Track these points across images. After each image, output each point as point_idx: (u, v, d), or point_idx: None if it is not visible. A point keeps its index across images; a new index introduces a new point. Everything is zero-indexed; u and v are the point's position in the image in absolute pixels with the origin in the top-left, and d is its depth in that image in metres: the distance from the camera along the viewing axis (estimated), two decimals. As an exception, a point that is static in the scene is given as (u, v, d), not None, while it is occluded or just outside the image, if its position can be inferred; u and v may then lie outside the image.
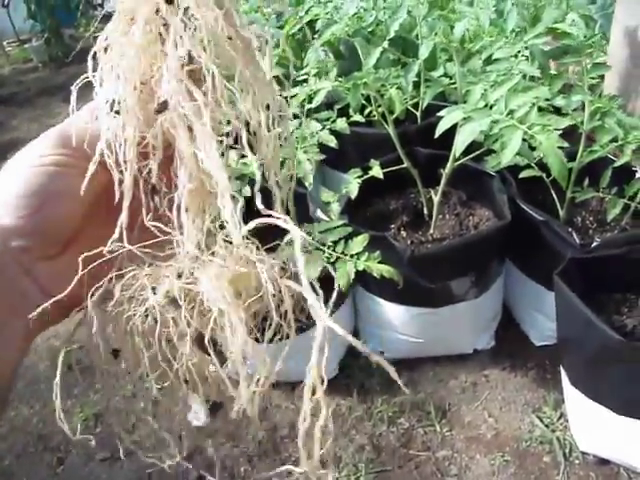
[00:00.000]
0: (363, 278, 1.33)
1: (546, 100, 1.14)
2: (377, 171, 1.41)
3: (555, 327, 1.33)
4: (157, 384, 0.35)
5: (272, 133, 0.36)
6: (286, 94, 0.38)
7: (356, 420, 1.48)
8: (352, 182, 1.40)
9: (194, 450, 1.43)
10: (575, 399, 1.29)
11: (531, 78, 1.19)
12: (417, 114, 1.61)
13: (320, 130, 1.40)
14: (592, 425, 1.28)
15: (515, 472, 1.33)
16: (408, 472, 1.36)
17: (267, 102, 0.36)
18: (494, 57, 1.18)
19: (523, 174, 1.39)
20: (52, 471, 1.48)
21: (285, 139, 0.38)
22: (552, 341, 1.50)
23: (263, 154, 0.36)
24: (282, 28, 1.64)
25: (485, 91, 1.09)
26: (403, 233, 1.51)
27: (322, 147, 1.38)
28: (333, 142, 1.39)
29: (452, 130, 1.12)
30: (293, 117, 1.36)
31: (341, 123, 1.44)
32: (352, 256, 1.20)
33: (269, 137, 0.36)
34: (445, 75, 1.44)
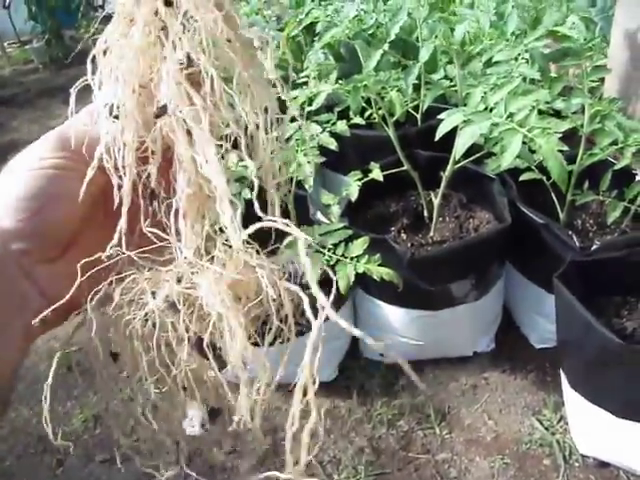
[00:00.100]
0: (363, 281, 1.33)
1: (546, 103, 1.14)
2: (377, 174, 1.41)
3: (555, 330, 1.33)
4: (156, 388, 0.35)
5: (270, 136, 0.36)
6: (286, 96, 0.38)
7: (356, 422, 1.48)
8: (352, 185, 1.40)
9: (193, 453, 1.44)
10: (575, 402, 1.29)
11: (531, 81, 1.19)
12: (417, 117, 1.61)
13: (320, 133, 1.40)
14: (592, 428, 1.28)
15: (515, 475, 1.33)
16: (408, 475, 1.36)
17: (266, 105, 0.35)
18: (494, 60, 1.18)
19: (523, 177, 1.39)
20: (52, 472, 1.48)
21: (285, 142, 0.38)
22: (552, 344, 1.49)
23: (260, 157, 0.36)
24: (282, 30, 1.64)
25: (485, 94, 1.09)
26: (403, 236, 1.51)
27: (322, 149, 1.39)
28: (333, 145, 1.39)
29: (452, 133, 1.12)
30: (293, 120, 1.36)
31: (341, 126, 1.43)
32: (352, 259, 1.20)
33: (267, 140, 0.35)
34: (445, 78, 1.44)
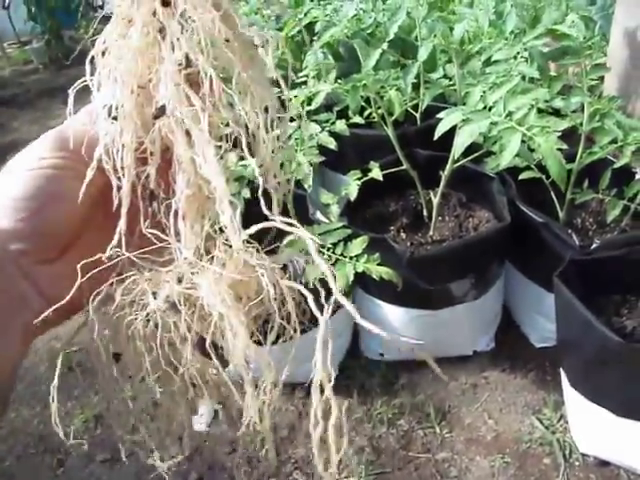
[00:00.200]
0: (362, 280, 1.33)
1: (545, 102, 1.14)
2: (376, 173, 1.41)
3: (555, 329, 1.33)
4: (159, 387, 0.35)
5: (270, 135, 0.36)
6: (285, 96, 0.37)
7: (356, 422, 1.48)
8: (351, 184, 1.40)
9: (194, 451, 1.44)
10: (575, 401, 1.29)
11: (530, 80, 1.19)
12: (416, 116, 1.61)
13: (319, 132, 1.40)
14: (592, 427, 1.28)
15: (515, 474, 1.33)
16: (408, 474, 1.36)
17: (266, 104, 0.35)
18: (493, 59, 1.18)
19: (523, 176, 1.39)
20: (52, 473, 1.48)
21: (285, 141, 0.38)
22: (552, 343, 1.49)
23: (262, 157, 0.36)
24: (281, 30, 1.64)
25: (484, 93, 1.09)
26: (402, 235, 1.51)
27: (322, 149, 1.38)
28: (332, 144, 1.39)
29: (451, 132, 1.12)
30: (292, 119, 1.36)
31: (340, 125, 1.43)
32: (351, 258, 1.20)
33: (268, 140, 0.35)
34: (444, 77, 1.44)
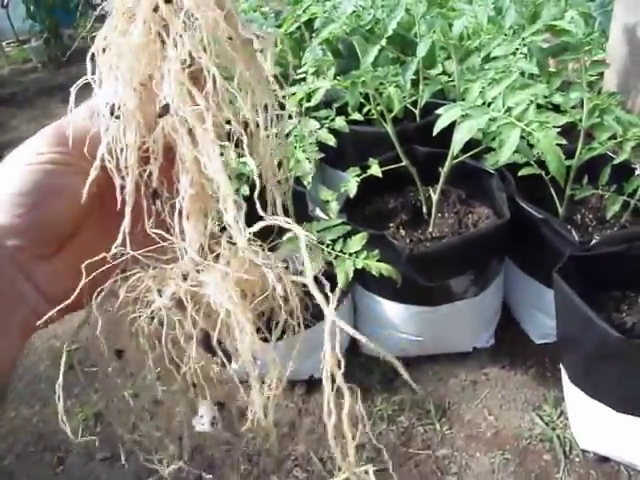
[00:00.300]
0: (362, 277, 1.33)
1: (544, 97, 1.13)
2: (376, 169, 1.41)
3: (555, 325, 1.32)
4: (161, 385, 0.35)
5: (270, 133, 0.35)
6: (284, 93, 0.37)
7: (356, 419, 1.48)
8: (351, 181, 1.40)
9: (194, 449, 1.44)
10: (575, 397, 1.29)
11: (530, 76, 1.19)
12: (416, 112, 1.61)
13: (319, 129, 1.39)
14: (592, 423, 1.28)
15: (515, 470, 1.33)
16: (408, 471, 1.36)
17: (265, 102, 0.35)
18: (492, 55, 1.18)
19: (522, 172, 1.39)
20: (52, 471, 1.48)
21: (284, 138, 0.38)
22: (552, 339, 1.49)
23: (261, 155, 0.36)
24: (280, 27, 1.64)
25: (483, 89, 1.08)
26: (402, 231, 1.51)
27: (321, 146, 1.38)
28: (332, 141, 1.39)
29: (451, 128, 1.12)
30: (291, 116, 1.36)
31: (340, 122, 1.43)
32: (351, 254, 1.20)
33: (267, 138, 0.35)
34: (443, 73, 1.44)
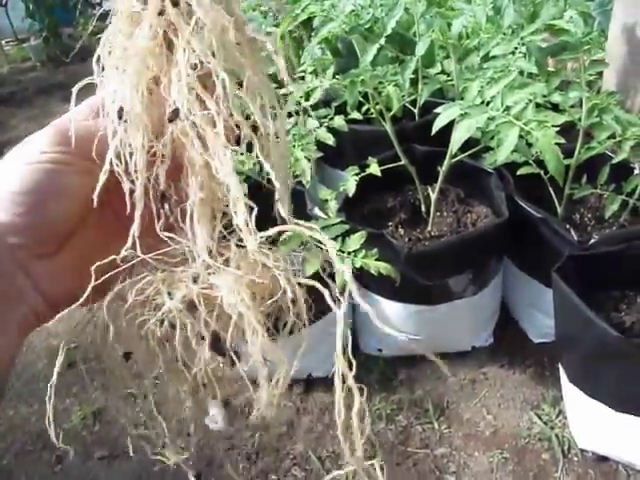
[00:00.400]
0: (361, 275, 1.33)
1: (543, 97, 1.13)
2: (375, 168, 1.41)
3: (553, 324, 1.32)
4: (164, 385, 0.35)
5: (281, 137, 0.36)
6: (283, 92, 0.37)
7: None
8: (350, 179, 1.39)
9: (193, 448, 1.44)
10: (573, 396, 1.29)
11: (529, 75, 1.19)
12: (415, 111, 1.60)
13: (318, 128, 1.39)
14: (591, 422, 1.28)
15: (514, 469, 1.33)
16: (406, 469, 1.36)
17: (273, 104, 0.35)
18: (491, 54, 1.18)
19: (521, 171, 1.39)
20: (50, 470, 1.48)
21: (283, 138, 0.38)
22: (550, 338, 1.49)
23: (272, 158, 0.36)
24: (279, 26, 1.63)
25: (482, 88, 1.08)
26: (401, 230, 1.51)
27: (320, 145, 1.38)
28: (331, 140, 1.39)
29: (450, 127, 1.12)
30: (290, 115, 1.36)
31: (339, 120, 1.43)
32: (349, 253, 1.20)
33: (276, 140, 0.35)
34: (442, 72, 1.44)
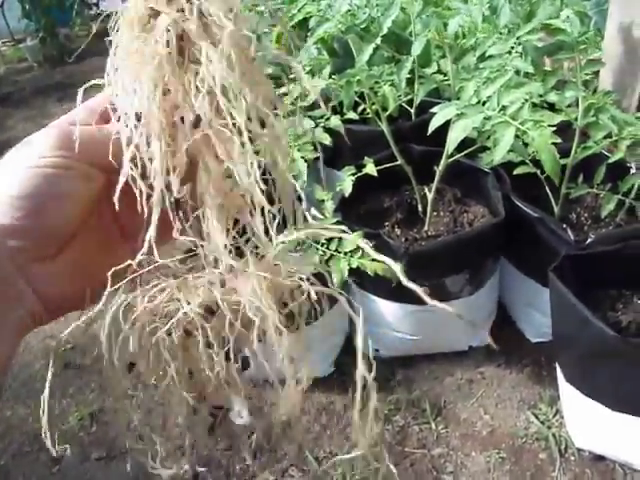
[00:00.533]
0: (357, 276, 1.33)
1: (539, 96, 1.14)
2: (371, 168, 1.40)
3: (550, 324, 1.32)
4: (160, 388, 0.36)
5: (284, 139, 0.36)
6: (280, 91, 0.38)
7: (351, 418, 1.48)
8: (346, 180, 1.39)
9: (190, 449, 1.43)
10: (570, 395, 1.29)
11: (525, 74, 1.19)
12: (411, 111, 1.60)
13: (314, 128, 1.39)
14: (587, 421, 1.28)
15: (511, 469, 1.33)
16: (404, 470, 1.36)
17: (275, 104, 0.36)
18: (487, 54, 1.18)
19: (517, 171, 1.39)
20: (48, 470, 1.48)
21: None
22: (547, 338, 1.49)
23: (278, 160, 0.36)
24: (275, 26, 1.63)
25: (478, 87, 1.08)
26: (397, 230, 1.51)
27: (316, 145, 1.38)
28: (327, 140, 1.39)
29: (446, 127, 1.12)
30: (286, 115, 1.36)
31: (335, 121, 1.43)
32: (346, 253, 1.20)
33: (284, 145, 0.36)
34: (439, 72, 1.44)
